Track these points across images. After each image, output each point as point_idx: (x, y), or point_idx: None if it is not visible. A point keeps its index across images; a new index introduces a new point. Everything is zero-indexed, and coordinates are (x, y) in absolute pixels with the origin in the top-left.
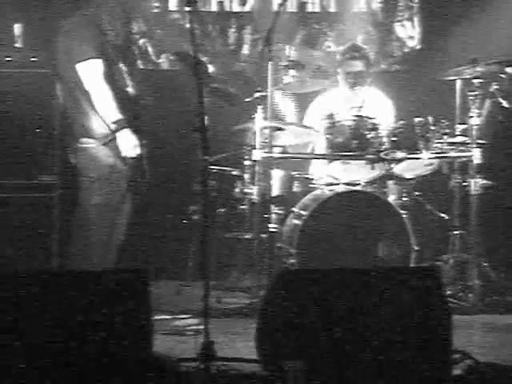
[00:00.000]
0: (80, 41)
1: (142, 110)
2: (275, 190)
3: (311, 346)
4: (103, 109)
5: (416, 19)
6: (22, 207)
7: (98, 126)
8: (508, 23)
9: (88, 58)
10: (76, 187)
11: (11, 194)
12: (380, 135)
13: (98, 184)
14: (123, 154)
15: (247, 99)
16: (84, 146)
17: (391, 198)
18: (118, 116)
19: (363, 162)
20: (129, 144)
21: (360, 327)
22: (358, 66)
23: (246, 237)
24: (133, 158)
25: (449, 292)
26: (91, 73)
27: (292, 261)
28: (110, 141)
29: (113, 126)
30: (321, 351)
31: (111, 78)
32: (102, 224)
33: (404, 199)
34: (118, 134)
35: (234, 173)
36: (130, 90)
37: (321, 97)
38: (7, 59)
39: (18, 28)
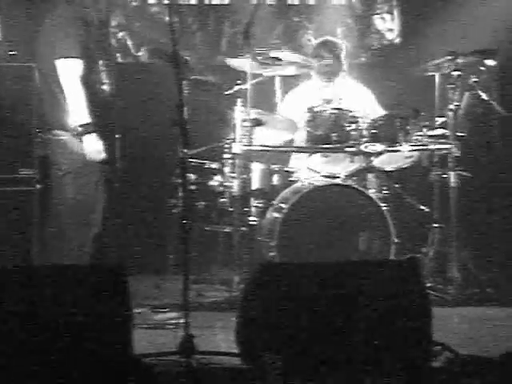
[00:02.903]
0: (62, 36)
1: (114, 109)
2: (255, 183)
3: (290, 339)
4: (74, 110)
5: (395, 12)
6: (2, 201)
7: (70, 118)
8: (487, 16)
9: (68, 56)
10: (51, 180)
11: None
12: (360, 128)
13: (71, 176)
14: (88, 157)
15: (227, 92)
16: (57, 138)
17: (371, 191)
18: (87, 120)
19: (343, 154)
20: (94, 149)
21: (340, 320)
22: (330, 59)
23: (226, 230)
24: (100, 160)
25: (429, 284)
26: (68, 72)
27: (272, 254)
28: (82, 133)
29: (80, 129)
30: (300, 344)
31: (88, 78)
32: (77, 217)
33: (384, 192)
34: (84, 138)
35: (214, 166)
36: (107, 85)
37: (297, 89)
38: None
39: None
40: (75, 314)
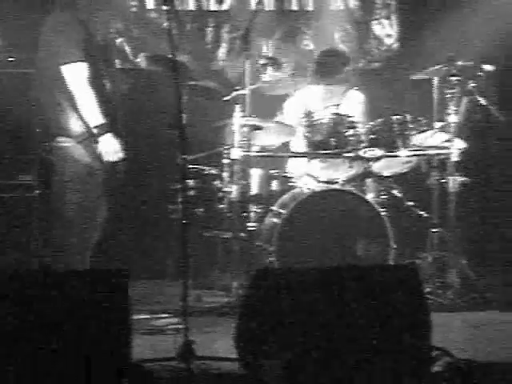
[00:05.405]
0: (66, 41)
1: (121, 110)
2: (254, 189)
3: (289, 345)
4: (87, 113)
5: (393, 17)
6: (2, 207)
7: (75, 124)
8: (485, 21)
9: (74, 61)
10: (53, 186)
11: None
12: (358, 133)
13: (74, 183)
14: (105, 158)
15: (226, 98)
16: (60, 144)
17: (369, 196)
18: (101, 120)
19: (341, 160)
20: (111, 148)
21: (338, 325)
22: (335, 66)
23: (225, 235)
24: (115, 162)
25: (427, 289)
26: (77, 76)
27: (271, 259)
28: (85, 139)
29: (95, 130)
30: (299, 349)
31: (95, 81)
32: (79, 223)
33: (382, 197)
34: (100, 139)
35: (213, 171)
36: (110, 91)
37: (297, 94)
38: None
39: None
40: (75, 318)
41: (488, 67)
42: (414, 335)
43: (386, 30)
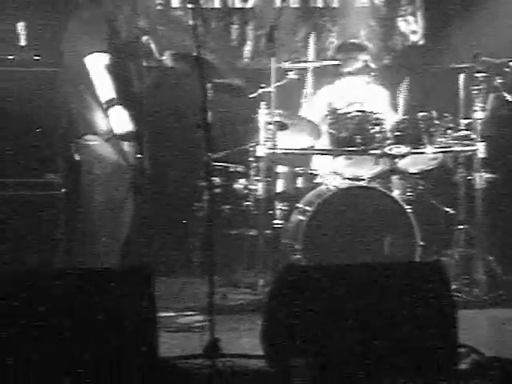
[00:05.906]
0: (90, 37)
1: (146, 107)
2: (279, 186)
3: (316, 342)
4: (100, 91)
5: (419, 14)
6: (28, 205)
7: (101, 122)
8: (510, 18)
9: (96, 51)
10: (80, 185)
11: (17, 192)
12: (384, 130)
13: (102, 181)
14: (116, 131)
15: (251, 95)
16: (88, 142)
17: (395, 193)
18: (111, 95)
19: (367, 157)
20: (120, 119)
21: (365, 322)
22: (359, 61)
23: (251, 233)
24: (127, 132)
25: (454, 286)
26: (97, 64)
27: (297, 256)
28: (112, 137)
29: (105, 105)
30: (326, 347)
31: (115, 70)
32: (106, 221)
33: (408, 194)
34: (109, 112)
35: (239, 169)
36: (135, 88)
37: (322, 91)
38: (10, 58)
39: (21, 26)
40: (102, 316)
41: None
42: (440, 332)
43: (412, 27)
